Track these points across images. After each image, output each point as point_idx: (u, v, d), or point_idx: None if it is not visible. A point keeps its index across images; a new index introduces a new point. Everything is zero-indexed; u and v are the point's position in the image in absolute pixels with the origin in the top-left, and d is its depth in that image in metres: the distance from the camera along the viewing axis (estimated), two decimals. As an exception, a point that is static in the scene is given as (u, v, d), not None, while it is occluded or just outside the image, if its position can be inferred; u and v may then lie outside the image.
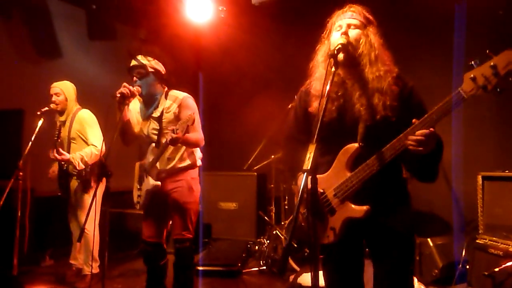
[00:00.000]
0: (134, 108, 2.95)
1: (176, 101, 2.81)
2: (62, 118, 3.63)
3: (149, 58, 2.79)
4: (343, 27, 1.77)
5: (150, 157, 2.78)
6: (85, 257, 3.57)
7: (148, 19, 5.44)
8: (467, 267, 3.23)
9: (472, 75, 1.47)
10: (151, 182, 2.74)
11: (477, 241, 3.18)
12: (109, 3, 4.94)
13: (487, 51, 1.46)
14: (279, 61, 5.29)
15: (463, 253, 3.28)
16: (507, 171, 3.45)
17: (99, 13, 4.93)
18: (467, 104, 1.56)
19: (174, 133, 2.47)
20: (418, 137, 1.54)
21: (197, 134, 2.80)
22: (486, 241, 3.11)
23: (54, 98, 3.59)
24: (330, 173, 1.76)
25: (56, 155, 3.38)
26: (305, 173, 1.32)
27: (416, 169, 1.74)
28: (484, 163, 3.88)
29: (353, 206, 1.69)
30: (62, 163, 3.54)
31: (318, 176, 1.76)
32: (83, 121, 3.57)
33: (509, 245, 2.91)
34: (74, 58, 5.14)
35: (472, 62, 1.49)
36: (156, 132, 2.79)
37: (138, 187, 2.89)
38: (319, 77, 1.80)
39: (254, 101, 5.19)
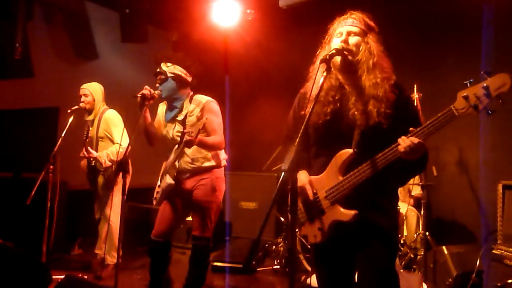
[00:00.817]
0: (162, 111, 3.13)
1: (200, 105, 2.95)
2: (90, 118, 3.88)
3: (168, 64, 2.94)
4: (343, 34, 1.82)
5: (171, 157, 2.94)
6: (108, 247, 3.78)
7: (178, 23, 5.66)
8: (483, 277, 3.16)
9: (465, 94, 1.51)
10: (167, 180, 2.88)
11: (494, 251, 3.10)
12: (141, 7, 5.18)
13: (482, 72, 1.50)
14: (305, 64, 5.30)
15: (477, 263, 3.19)
16: (529, 180, 3.33)
17: (132, 17, 5.16)
18: (497, 112, 1.56)
19: (189, 135, 2.63)
20: (409, 143, 1.57)
21: (217, 137, 2.91)
22: (503, 251, 3.02)
23: (83, 98, 3.86)
24: (323, 175, 1.82)
25: (85, 153, 3.62)
26: (282, 173, 1.39)
27: (394, 174, 1.75)
28: (509, 171, 3.75)
29: (341, 209, 1.73)
30: (91, 159, 3.78)
31: (312, 177, 1.85)
32: (109, 120, 3.80)
33: (526, 257, 2.82)
34: (109, 60, 5.44)
35: (467, 82, 1.53)
36: (180, 135, 2.92)
37: (159, 184, 3.05)
38: (315, 82, 1.86)
39: (278, 103, 5.24)
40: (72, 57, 5.26)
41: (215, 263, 3.93)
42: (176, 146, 2.94)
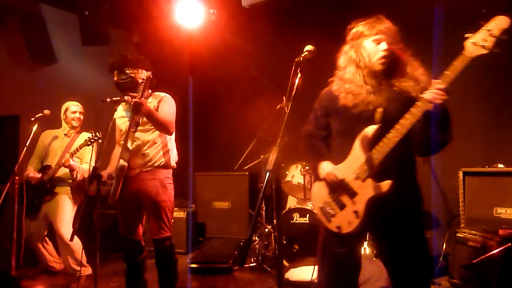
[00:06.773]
0: (120, 113, 3.11)
1: (157, 98, 3.04)
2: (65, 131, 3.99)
3: (135, 70, 2.95)
4: (381, 41, 1.92)
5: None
6: (70, 259, 3.75)
7: (140, 23, 5.56)
8: (449, 260, 3.35)
9: (472, 40, 1.64)
10: (120, 163, 2.77)
11: (458, 234, 3.29)
12: (101, 9, 5.04)
13: (480, 22, 1.65)
14: (269, 63, 5.39)
15: (444, 247, 3.39)
16: (486, 166, 3.55)
17: (92, 19, 5.02)
18: (453, 100, 1.72)
19: (137, 98, 2.72)
20: (434, 90, 1.68)
21: (167, 116, 2.93)
22: (466, 234, 3.22)
23: (78, 115, 3.99)
24: (348, 159, 1.86)
25: (71, 161, 3.67)
26: (267, 173, 1.43)
27: (429, 135, 1.81)
28: (468, 159, 3.97)
29: (375, 183, 1.77)
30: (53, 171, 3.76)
31: (336, 166, 1.90)
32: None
33: (488, 238, 3.01)
34: (68, 64, 5.27)
35: (468, 34, 1.67)
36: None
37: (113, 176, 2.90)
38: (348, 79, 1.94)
39: (244, 103, 5.29)
40: (29, 62, 5.04)
41: (192, 265, 3.92)
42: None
